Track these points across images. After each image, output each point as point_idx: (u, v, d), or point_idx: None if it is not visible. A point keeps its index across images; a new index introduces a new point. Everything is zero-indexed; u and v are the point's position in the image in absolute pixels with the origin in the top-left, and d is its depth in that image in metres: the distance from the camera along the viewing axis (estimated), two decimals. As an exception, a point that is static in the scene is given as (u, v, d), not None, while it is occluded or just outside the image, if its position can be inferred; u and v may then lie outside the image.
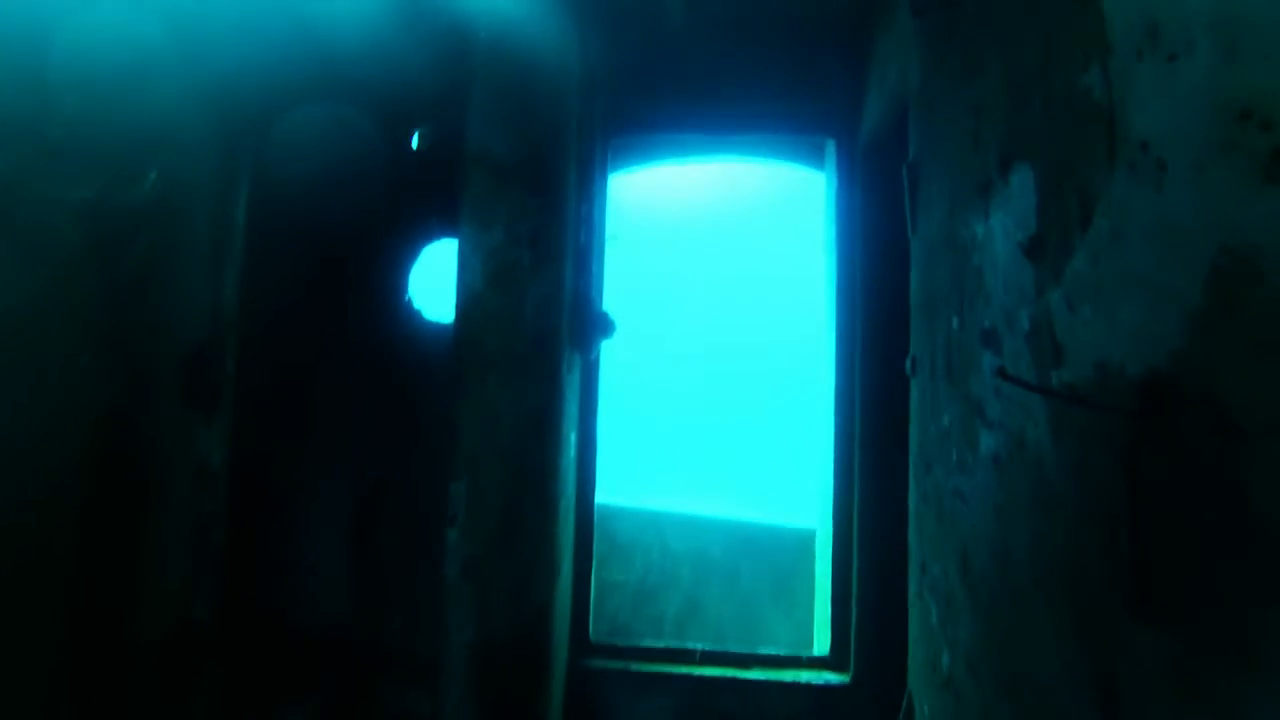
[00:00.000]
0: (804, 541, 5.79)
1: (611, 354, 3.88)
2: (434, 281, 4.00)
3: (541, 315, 3.41)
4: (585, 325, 3.62)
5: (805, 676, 3.69)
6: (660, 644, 3.98)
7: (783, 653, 3.86)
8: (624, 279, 4.54)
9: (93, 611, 2.64)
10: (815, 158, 4.47)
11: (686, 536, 5.91)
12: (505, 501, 3.29)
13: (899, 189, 2.93)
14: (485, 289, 3.40)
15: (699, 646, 3.90)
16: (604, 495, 4.20)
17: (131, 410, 2.60)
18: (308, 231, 3.86)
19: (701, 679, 3.71)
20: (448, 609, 3.21)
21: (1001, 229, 1.90)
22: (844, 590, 3.76)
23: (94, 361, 2.35)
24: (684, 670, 3.76)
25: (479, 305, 3.39)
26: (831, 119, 4.02)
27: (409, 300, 4.05)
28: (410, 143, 3.97)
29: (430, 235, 4.00)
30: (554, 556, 3.41)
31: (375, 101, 3.86)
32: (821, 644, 3.88)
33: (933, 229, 2.58)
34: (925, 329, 2.64)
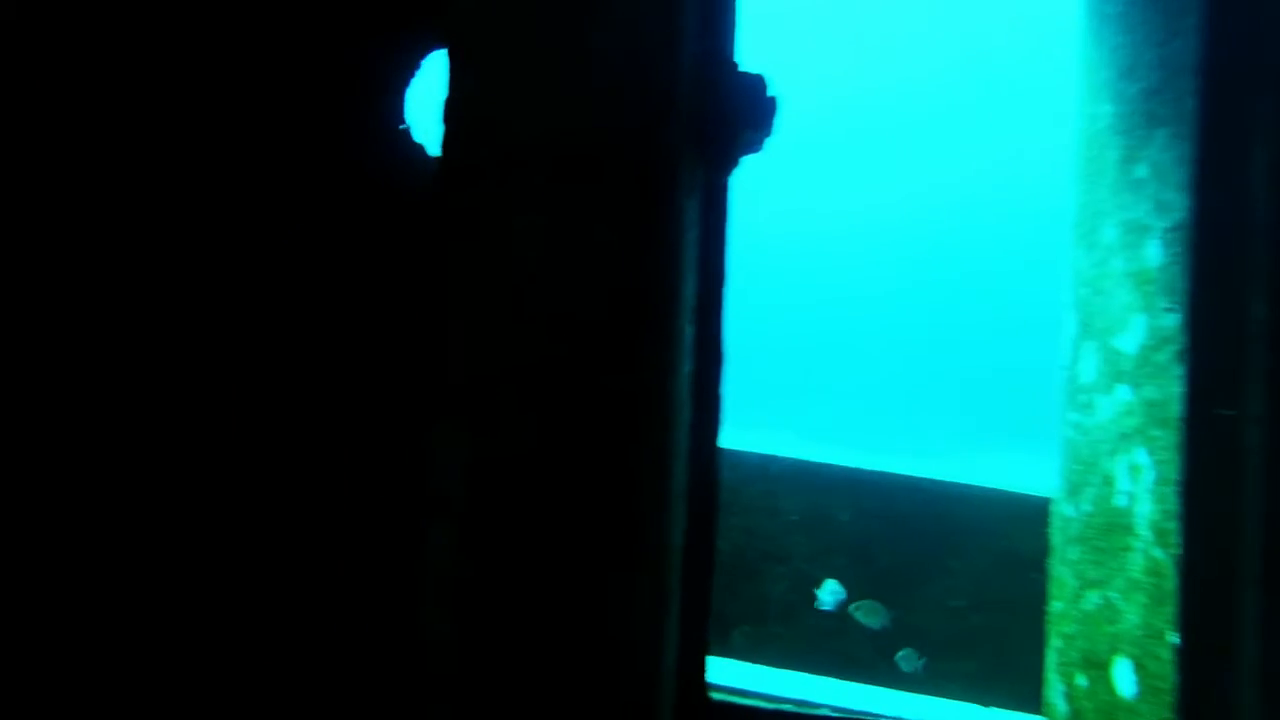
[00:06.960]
0: (977, 507, 4.17)
1: (752, 175, 2.02)
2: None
3: (632, 74, 1.57)
4: (719, 107, 1.75)
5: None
6: (829, 711, 2.25)
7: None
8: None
9: None
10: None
11: (802, 494, 4.25)
12: (559, 469, 1.53)
13: None
14: (512, 11, 1.56)
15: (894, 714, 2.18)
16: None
17: None
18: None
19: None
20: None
21: None
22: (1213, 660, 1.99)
23: None
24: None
25: (499, 48, 1.56)
26: None
27: (405, 130, 2.30)
28: None
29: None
30: (663, 575, 1.65)
31: None
32: None
33: None
34: None
